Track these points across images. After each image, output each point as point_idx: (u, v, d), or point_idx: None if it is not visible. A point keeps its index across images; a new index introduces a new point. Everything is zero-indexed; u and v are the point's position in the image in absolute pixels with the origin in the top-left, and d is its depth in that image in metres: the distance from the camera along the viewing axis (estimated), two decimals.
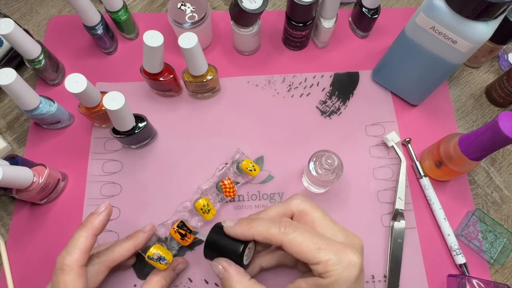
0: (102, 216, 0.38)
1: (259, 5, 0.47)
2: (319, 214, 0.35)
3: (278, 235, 0.33)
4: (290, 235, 0.32)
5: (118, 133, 0.47)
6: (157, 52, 0.45)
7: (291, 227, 0.33)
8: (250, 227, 0.34)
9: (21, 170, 0.43)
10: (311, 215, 0.35)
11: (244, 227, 0.34)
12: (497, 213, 0.51)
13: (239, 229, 0.35)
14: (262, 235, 0.33)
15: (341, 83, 0.57)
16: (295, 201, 0.36)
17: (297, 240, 0.32)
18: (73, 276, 0.34)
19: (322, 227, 0.34)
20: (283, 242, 0.32)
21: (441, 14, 0.40)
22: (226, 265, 0.35)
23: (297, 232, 0.32)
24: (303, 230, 0.33)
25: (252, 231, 0.34)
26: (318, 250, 0.31)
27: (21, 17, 0.61)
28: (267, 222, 0.34)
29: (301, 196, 0.37)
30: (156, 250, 0.40)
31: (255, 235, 0.34)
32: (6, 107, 0.56)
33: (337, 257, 0.31)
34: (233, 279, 0.34)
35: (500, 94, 0.54)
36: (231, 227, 0.35)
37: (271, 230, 0.33)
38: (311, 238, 0.32)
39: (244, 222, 0.35)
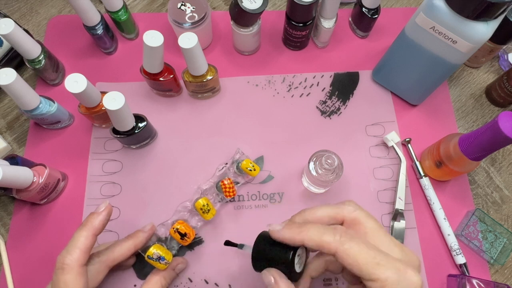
0: (102, 216, 0.38)
1: (259, 5, 0.47)
2: (373, 225, 0.31)
3: (332, 243, 0.29)
4: (346, 245, 0.28)
5: (118, 133, 0.47)
6: (157, 52, 0.45)
7: (347, 235, 0.29)
8: (300, 231, 0.30)
9: (21, 170, 0.43)
10: (364, 225, 0.31)
11: (294, 231, 0.31)
12: (497, 213, 0.51)
13: (288, 233, 0.31)
14: (314, 242, 0.30)
15: (341, 83, 0.57)
16: (348, 207, 0.32)
17: (354, 251, 0.28)
18: (73, 275, 0.34)
19: (377, 240, 0.30)
20: (337, 252, 0.29)
21: (441, 14, 0.40)
22: (277, 277, 0.32)
23: (354, 242, 0.29)
24: (360, 241, 0.29)
25: (303, 236, 0.30)
26: (377, 266, 0.27)
27: (21, 17, 0.61)
28: (320, 228, 0.30)
29: (354, 203, 0.33)
30: (156, 250, 0.41)
31: (306, 241, 0.30)
32: (6, 107, 0.56)
33: (397, 277, 0.27)
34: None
35: (500, 94, 0.54)
36: (278, 231, 0.32)
37: (325, 237, 0.29)
38: (369, 251, 0.28)
39: (294, 225, 0.31)
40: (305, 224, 0.31)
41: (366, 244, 0.29)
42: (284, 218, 0.49)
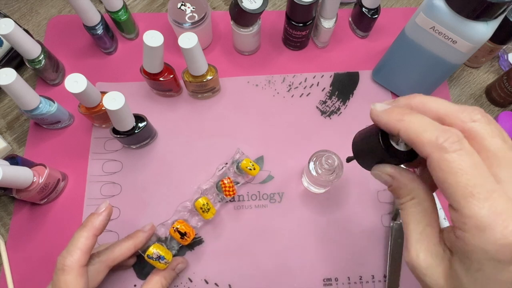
0: (102, 216, 0.38)
1: (259, 5, 0.47)
2: (496, 144, 0.22)
3: (430, 144, 0.22)
4: (447, 154, 0.21)
5: (118, 133, 0.47)
6: (157, 52, 0.45)
7: (456, 144, 0.21)
8: (401, 119, 0.24)
9: (21, 170, 0.43)
10: (480, 143, 0.22)
11: (394, 117, 0.24)
12: None
13: (386, 117, 0.25)
14: (409, 137, 0.23)
15: (341, 83, 0.57)
16: (470, 114, 0.23)
17: (451, 165, 0.21)
18: (73, 276, 0.34)
19: (493, 165, 0.22)
20: (430, 157, 0.22)
21: (441, 14, 0.40)
22: (393, 172, 0.26)
23: (458, 154, 0.21)
24: (467, 157, 0.21)
25: (401, 126, 0.23)
26: (469, 196, 0.20)
27: (21, 17, 0.61)
28: (426, 123, 0.23)
29: (482, 112, 0.23)
30: (156, 249, 0.41)
31: (402, 132, 0.23)
32: (6, 107, 0.56)
33: (488, 222, 0.20)
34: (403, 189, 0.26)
35: (500, 94, 0.54)
36: (377, 112, 0.25)
37: (425, 135, 0.22)
38: (472, 175, 0.20)
39: (397, 110, 0.25)
40: (410, 112, 0.24)
41: (475, 164, 0.21)
42: (284, 218, 0.49)
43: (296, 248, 0.48)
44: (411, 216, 0.25)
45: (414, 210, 0.25)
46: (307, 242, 0.48)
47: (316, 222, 0.49)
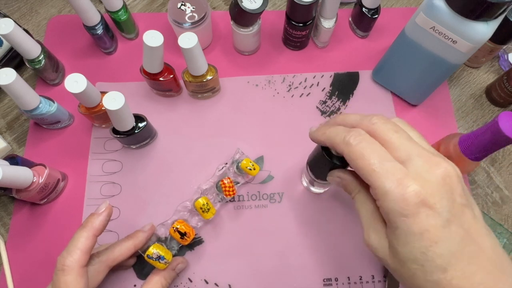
0: (102, 217, 0.38)
1: (259, 5, 0.47)
2: (392, 137, 0.28)
3: (340, 144, 0.29)
4: (351, 147, 0.28)
5: (118, 133, 0.47)
6: (157, 52, 0.45)
7: (357, 138, 0.28)
8: (323, 132, 0.31)
9: (21, 170, 0.43)
10: (380, 137, 0.28)
11: (320, 132, 0.32)
12: (497, 213, 0.51)
13: (315, 134, 0.33)
14: (330, 141, 0.30)
15: (341, 83, 0.57)
16: (371, 118, 0.29)
17: (355, 154, 0.27)
18: (73, 276, 0.34)
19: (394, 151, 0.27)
20: (344, 153, 0.28)
21: (441, 14, 0.40)
22: (340, 174, 0.33)
23: (359, 146, 0.27)
24: (366, 145, 0.27)
25: (324, 137, 0.31)
26: (372, 172, 0.26)
27: (21, 17, 0.61)
28: (338, 129, 0.30)
29: (382, 117, 0.30)
30: (156, 249, 0.41)
31: (326, 141, 0.31)
32: (6, 107, 0.56)
33: (389, 187, 0.25)
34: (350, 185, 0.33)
35: (500, 94, 0.54)
36: (312, 132, 0.34)
37: (336, 138, 0.29)
38: (370, 156, 0.27)
39: (322, 127, 0.32)
40: (330, 126, 0.32)
41: (372, 149, 0.27)
42: (284, 219, 0.49)
43: (296, 248, 0.48)
44: (360, 206, 0.31)
45: (361, 200, 0.31)
46: (307, 242, 0.48)
47: (316, 222, 0.49)
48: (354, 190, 0.32)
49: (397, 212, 0.25)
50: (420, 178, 0.25)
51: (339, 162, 0.33)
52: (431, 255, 0.25)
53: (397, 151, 0.27)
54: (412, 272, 0.26)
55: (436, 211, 0.25)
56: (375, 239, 0.29)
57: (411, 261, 0.26)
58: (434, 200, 0.25)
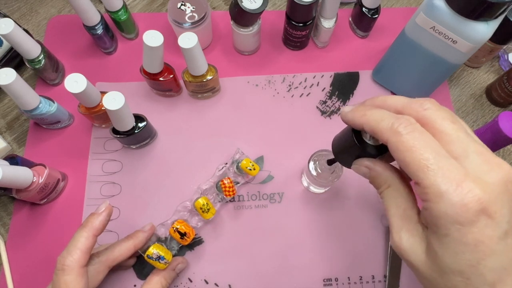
0: (102, 217, 0.38)
1: (259, 5, 0.47)
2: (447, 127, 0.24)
3: (386, 131, 0.25)
4: (401, 137, 0.24)
5: (118, 133, 0.47)
6: (157, 52, 0.45)
7: (408, 127, 0.24)
8: (363, 114, 0.27)
9: (21, 170, 0.43)
10: (433, 126, 0.25)
11: (358, 113, 0.27)
12: None
13: (351, 115, 0.28)
14: (371, 127, 0.26)
15: (341, 83, 0.57)
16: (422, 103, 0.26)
17: (405, 145, 0.23)
18: (73, 276, 0.34)
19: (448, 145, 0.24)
20: (389, 142, 0.25)
21: (441, 14, 0.40)
22: (369, 163, 0.29)
23: (410, 135, 0.24)
24: (419, 136, 0.24)
25: (363, 120, 0.27)
26: (424, 168, 0.23)
27: (21, 17, 0.61)
28: (382, 114, 0.26)
29: (433, 102, 0.26)
30: (155, 250, 0.41)
31: (364, 125, 0.27)
32: (6, 107, 0.56)
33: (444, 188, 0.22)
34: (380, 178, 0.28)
35: (500, 94, 0.54)
36: (346, 113, 0.29)
37: (382, 124, 0.25)
38: (424, 150, 0.23)
39: (360, 108, 0.28)
40: (371, 108, 0.27)
41: (426, 142, 0.23)
42: (284, 218, 0.49)
43: (296, 248, 0.48)
44: (391, 202, 0.27)
45: (392, 196, 0.27)
46: (307, 242, 0.48)
47: (316, 222, 0.49)
48: (384, 184, 0.28)
49: (452, 218, 0.22)
50: (480, 180, 0.22)
51: (372, 150, 0.29)
52: (481, 268, 0.22)
53: (452, 145, 0.24)
54: (453, 284, 0.23)
55: (495, 220, 0.22)
56: (408, 241, 0.25)
57: (456, 273, 0.23)
58: (495, 208, 0.22)
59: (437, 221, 0.23)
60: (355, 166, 0.30)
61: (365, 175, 0.29)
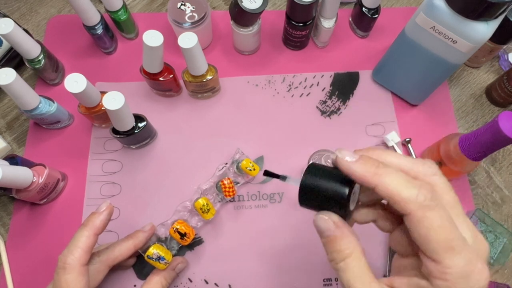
0: (103, 216, 0.38)
1: (259, 5, 0.47)
2: (451, 199, 0.25)
3: (411, 202, 0.23)
4: (428, 212, 0.22)
5: (118, 133, 0.47)
6: (157, 52, 0.45)
7: (433, 200, 0.23)
8: (376, 173, 0.24)
9: (21, 170, 0.43)
10: (441, 197, 0.24)
11: (369, 169, 0.24)
12: (497, 213, 0.51)
13: (361, 169, 0.24)
14: (390, 193, 0.23)
15: (341, 83, 0.57)
16: (429, 168, 0.25)
17: (432, 222, 0.22)
18: (75, 275, 0.34)
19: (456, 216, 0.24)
20: (412, 215, 0.23)
21: (441, 14, 0.39)
22: (340, 222, 0.26)
23: (436, 211, 0.22)
24: (444, 213, 0.23)
25: (378, 181, 0.24)
26: (449, 250, 0.22)
27: (21, 17, 0.61)
28: (402, 178, 0.23)
29: (436, 166, 0.26)
30: (156, 250, 0.41)
31: (380, 187, 0.23)
32: (6, 107, 0.56)
33: (465, 268, 0.22)
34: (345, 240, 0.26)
35: (500, 94, 0.54)
36: (349, 163, 0.25)
37: (406, 192, 0.23)
38: (450, 229, 0.23)
39: (370, 162, 0.24)
40: (384, 166, 0.24)
41: (449, 220, 0.23)
42: (284, 218, 0.49)
43: (296, 248, 0.48)
44: (356, 272, 0.26)
45: (357, 265, 0.26)
46: (307, 242, 0.48)
47: None
48: (346, 249, 0.25)
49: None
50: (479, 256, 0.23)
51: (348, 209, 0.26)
52: None
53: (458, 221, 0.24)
54: None
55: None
56: None
57: None
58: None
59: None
60: (321, 217, 0.26)
61: (328, 230, 0.26)
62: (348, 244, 0.25)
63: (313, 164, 0.28)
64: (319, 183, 0.27)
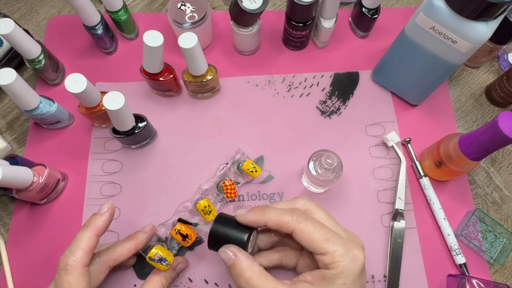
0: (105, 217, 0.38)
1: (259, 5, 0.47)
2: (323, 215, 0.37)
3: (290, 222, 0.34)
4: (302, 224, 0.33)
5: (118, 133, 0.47)
6: (157, 52, 0.45)
7: (303, 216, 0.34)
8: (263, 213, 0.35)
9: (21, 170, 0.43)
10: (316, 214, 0.36)
11: (257, 214, 0.35)
12: (497, 213, 0.51)
13: (252, 216, 0.35)
14: (275, 222, 0.34)
15: (341, 83, 0.57)
16: (300, 200, 0.37)
17: (308, 229, 0.33)
18: (76, 276, 0.34)
19: (327, 225, 0.35)
20: (294, 230, 0.34)
21: (441, 14, 0.40)
22: (236, 250, 0.35)
23: (308, 221, 0.34)
24: (313, 221, 0.34)
25: (265, 217, 0.35)
26: (327, 241, 0.33)
27: (21, 17, 0.61)
28: (279, 210, 0.35)
29: (306, 197, 0.38)
30: (158, 251, 0.40)
31: (268, 221, 0.35)
32: (6, 107, 0.56)
33: (344, 250, 0.32)
34: (243, 264, 0.34)
35: (500, 94, 0.54)
36: (244, 215, 0.36)
37: (284, 217, 0.34)
38: (321, 229, 0.34)
39: (257, 209, 0.36)
40: (267, 207, 0.36)
41: (319, 223, 0.34)
42: None
43: None
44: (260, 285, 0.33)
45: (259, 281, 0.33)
46: None
47: None
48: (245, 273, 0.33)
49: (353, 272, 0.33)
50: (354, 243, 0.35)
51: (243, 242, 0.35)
52: None
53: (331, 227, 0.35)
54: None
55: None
56: None
57: None
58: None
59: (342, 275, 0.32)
60: (222, 249, 0.35)
61: (227, 261, 0.35)
62: (246, 268, 0.34)
63: (220, 215, 0.38)
64: (225, 230, 0.36)
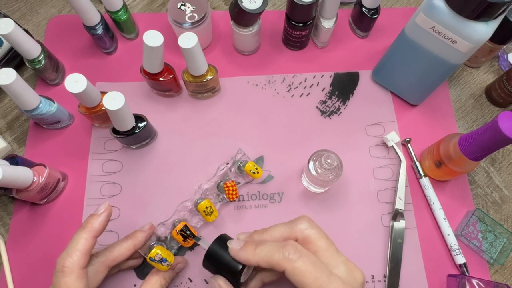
0: (102, 218, 0.37)
1: (259, 5, 0.47)
2: (323, 244, 0.34)
3: (281, 261, 0.32)
4: (295, 263, 0.31)
5: (118, 133, 0.47)
6: (157, 52, 0.45)
7: (296, 253, 0.32)
8: (255, 253, 0.33)
9: (21, 170, 0.43)
10: (315, 244, 0.34)
11: (249, 253, 0.34)
12: (497, 213, 0.51)
13: (244, 255, 0.34)
14: (266, 262, 0.32)
15: (341, 83, 0.57)
16: (300, 226, 0.35)
17: (300, 271, 0.31)
18: (73, 277, 0.34)
19: (325, 259, 0.33)
20: (286, 270, 0.31)
21: (441, 14, 0.40)
22: (223, 285, 0.35)
23: (301, 261, 0.31)
24: (307, 259, 0.31)
25: (257, 258, 0.33)
26: (319, 285, 0.30)
27: (21, 17, 0.61)
28: (271, 247, 0.33)
29: (308, 220, 0.35)
30: (158, 252, 0.40)
31: (259, 262, 0.33)
32: (6, 107, 0.56)
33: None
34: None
35: (500, 94, 0.54)
36: (237, 251, 0.34)
37: (275, 256, 0.32)
38: (314, 271, 0.31)
39: (249, 247, 0.34)
40: (259, 245, 0.34)
41: (313, 263, 0.31)
42: (284, 218, 0.49)
43: None
44: None
45: None
46: None
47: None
48: None
49: None
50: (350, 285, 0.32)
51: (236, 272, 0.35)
52: None
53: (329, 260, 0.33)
54: None
55: None
56: None
57: None
58: None
59: None
60: (211, 280, 0.36)
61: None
62: None
63: (222, 236, 0.37)
64: (221, 255, 0.36)
